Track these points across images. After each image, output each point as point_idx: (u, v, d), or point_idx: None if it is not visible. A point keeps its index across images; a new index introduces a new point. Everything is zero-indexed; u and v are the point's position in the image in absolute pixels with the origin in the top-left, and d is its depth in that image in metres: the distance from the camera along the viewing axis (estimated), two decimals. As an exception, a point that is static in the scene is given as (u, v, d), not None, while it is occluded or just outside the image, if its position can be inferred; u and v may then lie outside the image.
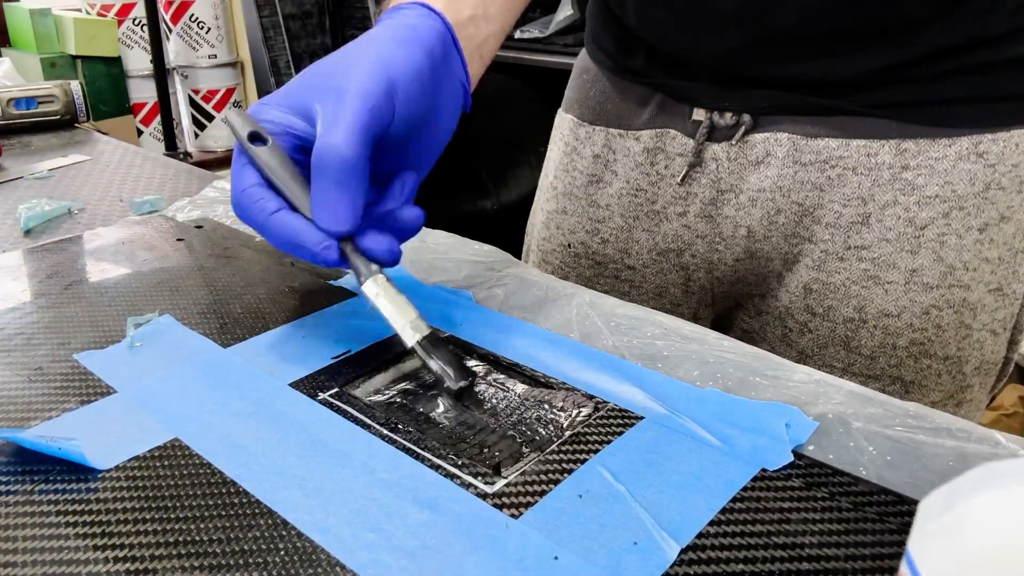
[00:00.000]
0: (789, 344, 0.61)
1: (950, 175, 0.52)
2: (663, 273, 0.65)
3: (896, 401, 0.42)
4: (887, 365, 0.57)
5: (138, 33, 2.80)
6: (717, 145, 0.58)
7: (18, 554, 0.32)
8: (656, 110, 0.61)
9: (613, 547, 0.32)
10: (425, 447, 0.38)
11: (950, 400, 0.59)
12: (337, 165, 0.40)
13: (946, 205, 0.53)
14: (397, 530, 0.33)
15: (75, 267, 0.59)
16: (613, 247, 0.66)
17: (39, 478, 0.36)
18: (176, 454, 0.38)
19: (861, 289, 0.56)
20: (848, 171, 0.54)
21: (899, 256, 0.55)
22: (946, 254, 0.54)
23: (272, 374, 0.45)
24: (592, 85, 0.67)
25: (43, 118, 1.02)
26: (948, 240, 0.54)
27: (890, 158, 0.53)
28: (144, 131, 2.94)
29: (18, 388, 0.44)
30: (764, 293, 0.62)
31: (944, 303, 0.55)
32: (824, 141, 0.54)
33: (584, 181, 0.67)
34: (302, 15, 2.51)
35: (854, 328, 0.57)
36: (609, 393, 0.43)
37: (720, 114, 0.57)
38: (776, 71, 0.54)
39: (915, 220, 0.54)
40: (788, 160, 0.55)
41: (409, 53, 0.44)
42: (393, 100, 0.42)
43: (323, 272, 0.58)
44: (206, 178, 0.83)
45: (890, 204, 0.54)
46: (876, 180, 0.54)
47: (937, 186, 0.53)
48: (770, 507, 0.34)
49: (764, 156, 0.56)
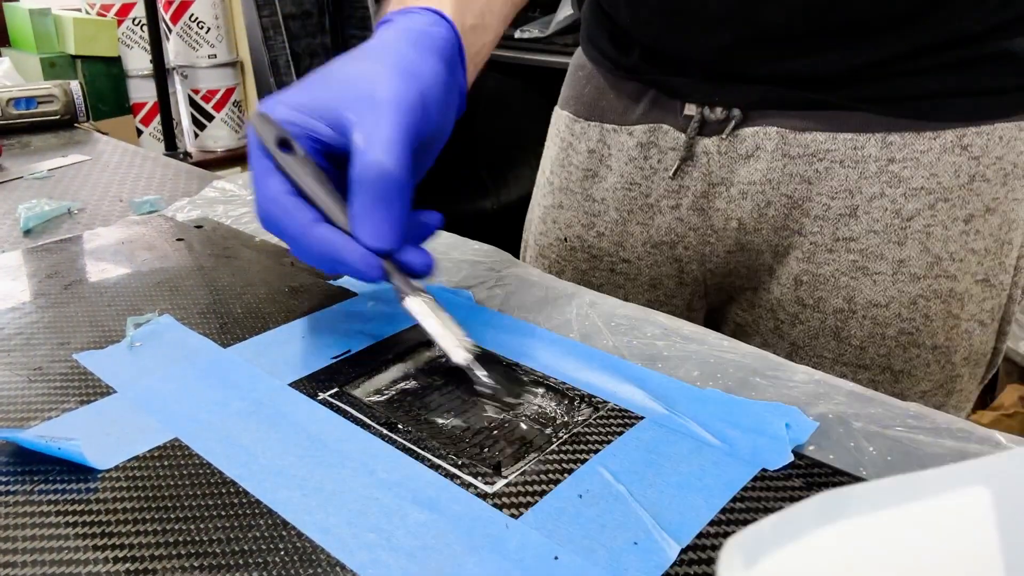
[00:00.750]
0: (781, 336, 0.61)
1: (935, 167, 0.53)
2: (657, 265, 0.66)
3: (896, 401, 0.42)
4: (876, 355, 0.58)
5: (138, 33, 2.80)
6: (708, 139, 0.59)
7: (18, 554, 0.32)
8: (649, 105, 0.62)
9: (613, 547, 0.32)
10: (425, 447, 0.38)
11: (940, 390, 0.59)
12: (382, 182, 0.39)
13: (932, 197, 0.54)
14: (397, 530, 0.33)
15: (75, 267, 0.59)
16: (608, 240, 0.67)
17: (39, 478, 0.36)
18: (176, 454, 0.38)
19: (850, 280, 0.57)
20: (836, 164, 0.55)
21: (886, 247, 0.56)
22: (932, 245, 0.55)
23: (272, 374, 0.45)
24: (587, 82, 0.68)
25: (43, 118, 1.01)
26: (934, 231, 0.55)
27: (876, 151, 0.54)
28: (144, 131, 2.94)
29: (18, 388, 0.44)
30: (756, 286, 0.63)
31: (931, 293, 0.56)
32: (812, 135, 0.55)
33: (579, 176, 0.68)
34: (302, 15, 2.51)
35: (844, 319, 0.58)
36: (609, 393, 0.43)
37: (711, 109, 0.58)
38: (765, 67, 0.55)
39: (901, 212, 0.55)
40: (777, 153, 0.56)
41: (433, 64, 0.43)
42: (426, 113, 0.42)
43: (323, 272, 0.58)
44: (206, 178, 0.83)
45: (877, 196, 0.55)
46: (863, 173, 0.55)
47: (923, 178, 0.54)
48: (770, 507, 0.34)
49: (754, 150, 0.57)
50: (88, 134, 1.01)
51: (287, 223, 0.42)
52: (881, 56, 0.52)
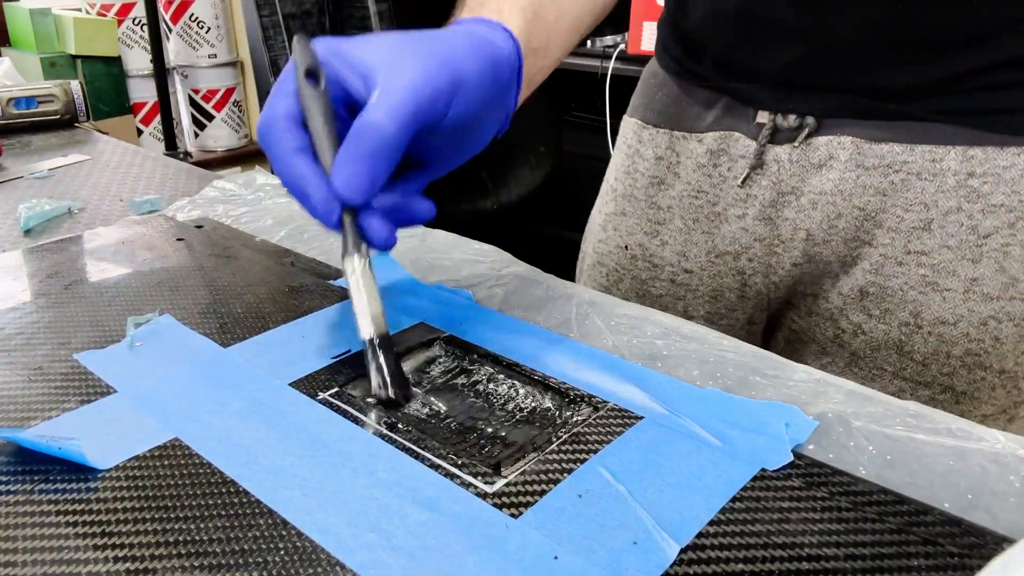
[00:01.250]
0: (841, 345, 0.60)
1: (1017, 184, 0.52)
2: (720, 276, 0.65)
3: (896, 400, 0.42)
4: (939, 373, 0.56)
5: (138, 33, 2.80)
6: (779, 147, 0.58)
7: (18, 554, 0.32)
8: (721, 113, 0.61)
9: (613, 547, 0.32)
10: (425, 447, 0.38)
11: (1002, 415, 0.58)
12: (374, 136, 0.39)
13: (1012, 215, 0.52)
14: (397, 530, 0.33)
15: (75, 267, 0.59)
16: (671, 249, 0.66)
17: (39, 478, 0.36)
18: (176, 454, 0.38)
19: (918, 295, 0.55)
20: (912, 176, 0.54)
21: (960, 264, 0.54)
22: (1009, 265, 0.53)
23: (272, 374, 0.45)
24: (659, 89, 0.67)
25: (43, 118, 1.02)
26: (1012, 251, 0.53)
27: (956, 164, 0.52)
28: (144, 131, 2.94)
29: (18, 388, 0.44)
30: (816, 294, 0.61)
31: (1004, 315, 0.54)
32: (888, 146, 0.54)
33: (645, 183, 0.67)
34: (302, 14, 2.51)
35: (909, 333, 0.56)
36: (609, 393, 0.43)
37: (783, 116, 0.57)
38: (839, 79, 0.54)
39: (978, 228, 0.53)
40: (851, 164, 0.55)
41: (481, 64, 0.43)
42: (451, 99, 0.42)
43: (323, 272, 0.58)
44: (206, 178, 0.83)
45: (953, 211, 0.53)
46: (940, 186, 0.53)
47: (1003, 195, 0.52)
48: (770, 507, 0.34)
49: (827, 159, 0.56)
50: (88, 134, 1.01)
51: (275, 142, 0.42)
52: (962, 70, 0.50)
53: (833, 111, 0.55)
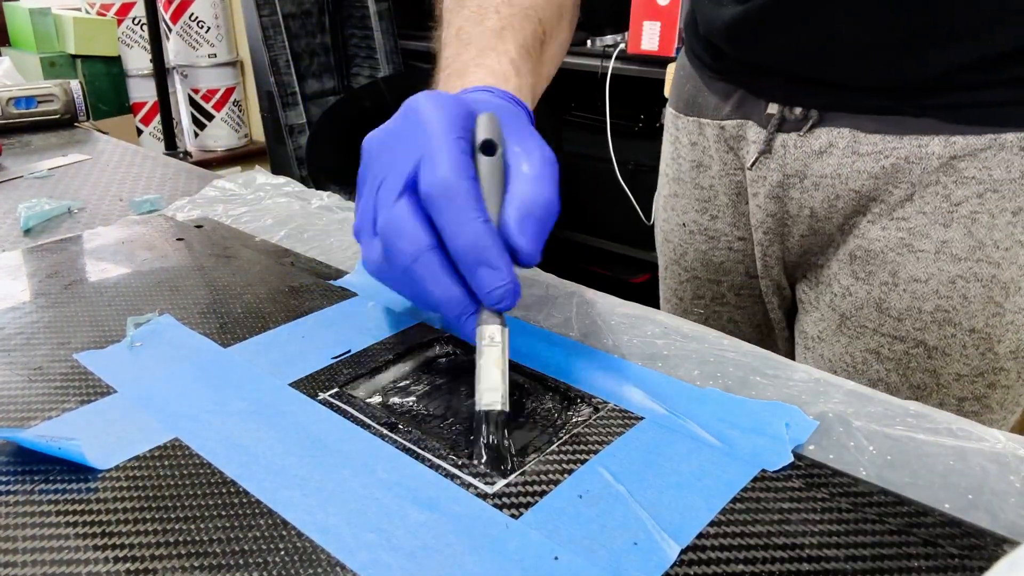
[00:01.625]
0: (833, 309, 0.67)
1: (989, 161, 0.57)
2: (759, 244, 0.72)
3: (896, 400, 0.42)
4: (912, 328, 0.62)
5: (138, 32, 2.80)
6: (786, 135, 0.65)
7: (18, 554, 0.32)
8: (737, 102, 0.69)
9: (613, 547, 0.32)
10: (425, 447, 0.38)
11: (980, 378, 0.62)
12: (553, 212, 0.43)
13: (981, 187, 0.58)
14: (397, 530, 0.33)
15: (75, 267, 0.59)
16: (723, 221, 0.74)
17: (39, 478, 0.36)
18: (176, 454, 0.38)
19: (896, 256, 0.62)
20: (901, 160, 0.60)
21: (932, 228, 0.60)
22: (976, 231, 0.59)
23: (272, 374, 0.45)
24: (687, 80, 0.75)
25: (43, 117, 1.02)
26: (980, 218, 0.58)
27: (939, 149, 0.58)
28: (144, 130, 2.94)
29: (18, 388, 0.44)
30: (822, 264, 0.68)
31: (971, 275, 0.59)
32: (880, 136, 0.61)
33: (688, 166, 0.76)
34: (302, 14, 2.51)
35: (887, 291, 0.63)
36: (609, 393, 0.43)
37: (790, 109, 0.64)
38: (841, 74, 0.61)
39: (951, 197, 0.59)
40: (848, 151, 0.62)
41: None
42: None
43: (323, 272, 0.58)
44: (206, 177, 0.83)
45: (932, 183, 0.59)
46: (925, 168, 0.59)
47: (976, 169, 0.58)
48: (770, 507, 0.34)
49: (827, 147, 0.63)
50: (88, 133, 1.01)
51: (459, 210, 0.41)
52: (945, 67, 0.56)
53: (833, 105, 0.62)
